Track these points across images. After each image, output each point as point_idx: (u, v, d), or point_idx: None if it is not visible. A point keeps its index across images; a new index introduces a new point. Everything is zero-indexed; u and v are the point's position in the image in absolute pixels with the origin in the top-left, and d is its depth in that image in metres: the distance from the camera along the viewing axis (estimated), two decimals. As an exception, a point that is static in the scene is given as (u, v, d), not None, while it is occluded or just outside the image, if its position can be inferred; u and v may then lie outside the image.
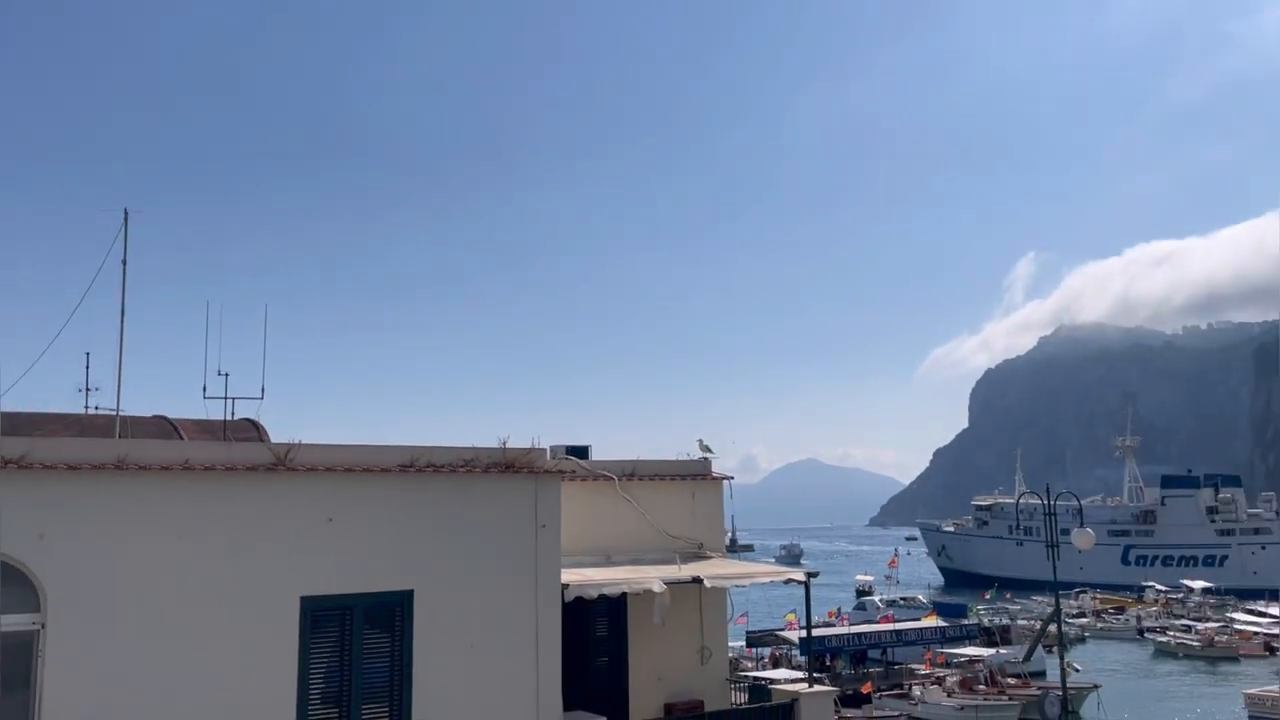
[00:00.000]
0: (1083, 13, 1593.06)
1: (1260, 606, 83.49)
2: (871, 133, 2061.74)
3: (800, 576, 17.88)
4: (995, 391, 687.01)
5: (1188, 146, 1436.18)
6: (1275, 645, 64.04)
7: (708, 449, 19.82)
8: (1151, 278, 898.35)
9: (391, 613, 12.79)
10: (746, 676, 36.03)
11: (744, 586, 17.86)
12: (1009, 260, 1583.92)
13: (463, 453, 13.55)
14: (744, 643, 52.97)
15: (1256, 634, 68.60)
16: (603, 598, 15.06)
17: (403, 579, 12.86)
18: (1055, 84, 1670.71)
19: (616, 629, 17.01)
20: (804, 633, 48.34)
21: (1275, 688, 30.85)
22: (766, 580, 18.70)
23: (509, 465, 13.77)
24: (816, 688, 17.62)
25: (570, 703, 14.80)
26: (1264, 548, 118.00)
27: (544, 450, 14.48)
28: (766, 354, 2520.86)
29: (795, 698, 16.69)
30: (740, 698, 18.34)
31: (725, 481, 19.65)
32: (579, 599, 14.46)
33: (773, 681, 23.72)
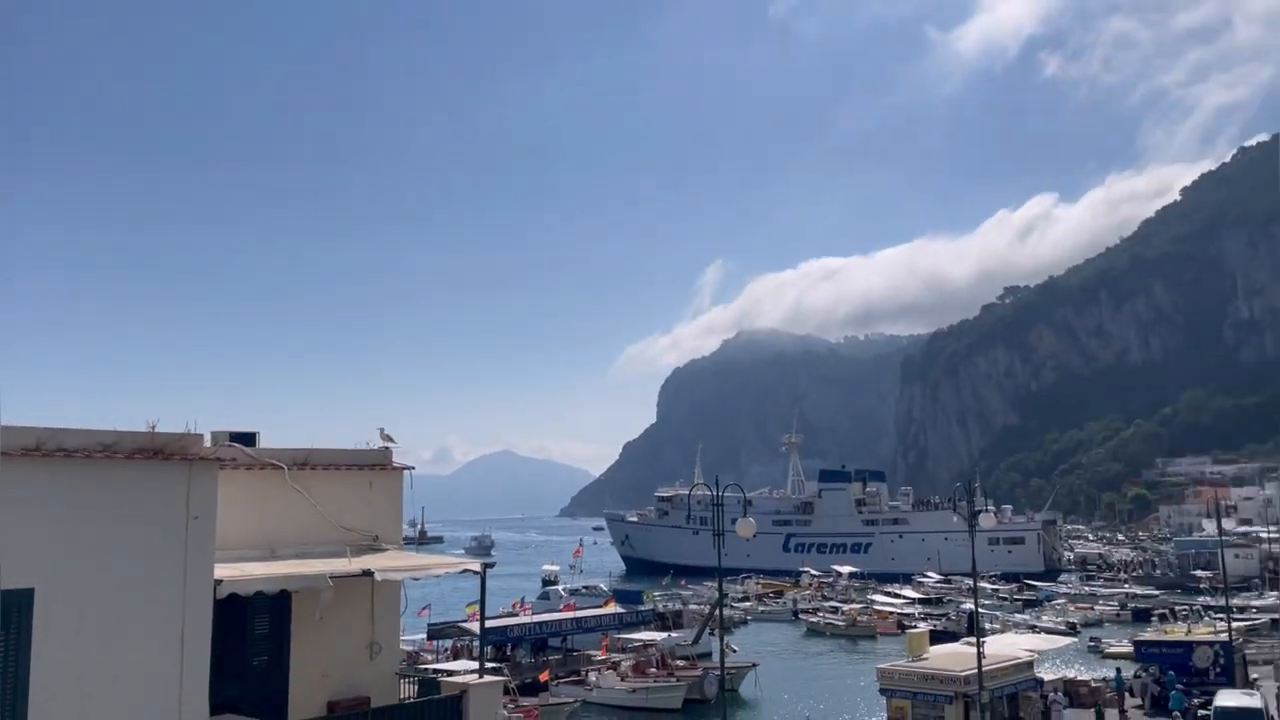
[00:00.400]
0: (771, 41, 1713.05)
1: (896, 589, 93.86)
2: (577, 131, 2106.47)
3: (476, 567, 17.81)
4: (683, 389, 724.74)
5: (855, 173, 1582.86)
6: (906, 623, 72.03)
7: (389, 438, 19.27)
8: (820, 291, 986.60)
9: (5, 614, 11.31)
10: (425, 670, 35.43)
11: (419, 579, 17.53)
12: (700, 266, 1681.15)
13: (101, 436, 12.24)
14: (425, 635, 52.28)
15: (891, 614, 76.90)
16: (262, 594, 14.21)
17: (21, 576, 11.40)
18: (747, 105, 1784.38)
19: (278, 626, 16.12)
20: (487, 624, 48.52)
21: (903, 661, 34.47)
22: (443, 572, 18.42)
23: (158, 451, 12.61)
24: (487, 678, 17.62)
25: (221, 705, 13.85)
26: (901, 536, 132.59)
27: (201, 436, 13.40)
28: (465, 346, 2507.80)
29: (464, 689, 16.62)
30: (411, 691, 17.99)
31: (406, 472, 19.18)
32: (234, 595, 13.55)
33: (450, 673, 23.52)
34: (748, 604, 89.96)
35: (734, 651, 53.31)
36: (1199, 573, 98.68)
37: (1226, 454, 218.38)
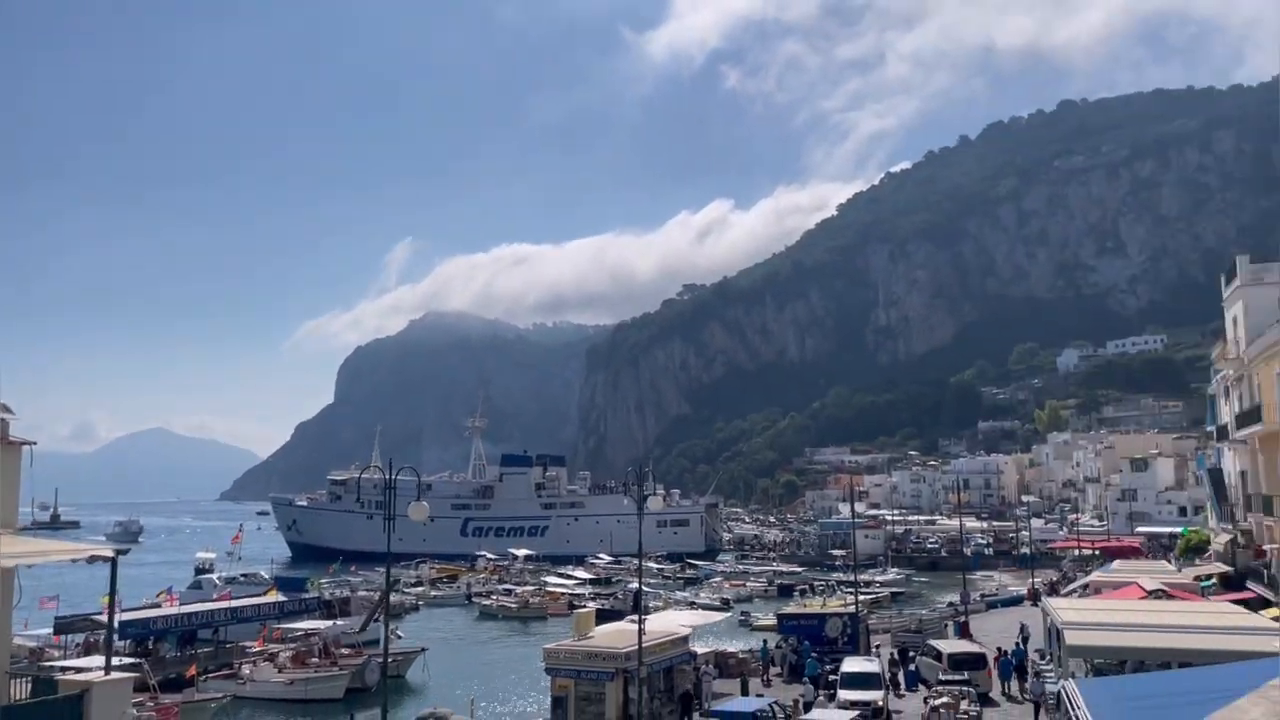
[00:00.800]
0: (470, 21, 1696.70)
1: (569, 570, 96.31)
2: (257, 93, 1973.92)
3: (106, 553, 16.07)
4: (364, 368, 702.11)
5: (549, 163, 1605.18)
6: (576, 604, 74.08)
7: (6, 409, 16.94)
8: (511, 276, 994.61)
9: None
10: (50, 668, 31.72)
11: (32, 566, 15.55)
12: (387, 243, 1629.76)
13: None
14: (51, 630, 46.98)
15: (563, 594, 78.79)
16: None
17: None
18: (444, 83, 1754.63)
19: None
20: (123, 615, 44.25)
21: (569, 640, 35.17)
22: (66, 559, 16.50)
23: None
24: (114, 675, 15.96)
25: None
26: (577, 519, 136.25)
27: None
28: (114, 315, 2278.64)
29: (86, 688, 14.94)
30: (24, 692, 15.93)
31: (27, 447, 16.94)
32: None
33: (76, 670, 21.19)
34: (421, 589, 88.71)
35: (400, 638, 52.41)
36: (835, 551, 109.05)
37: (863, 445, 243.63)
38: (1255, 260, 47.29)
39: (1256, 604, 37.20)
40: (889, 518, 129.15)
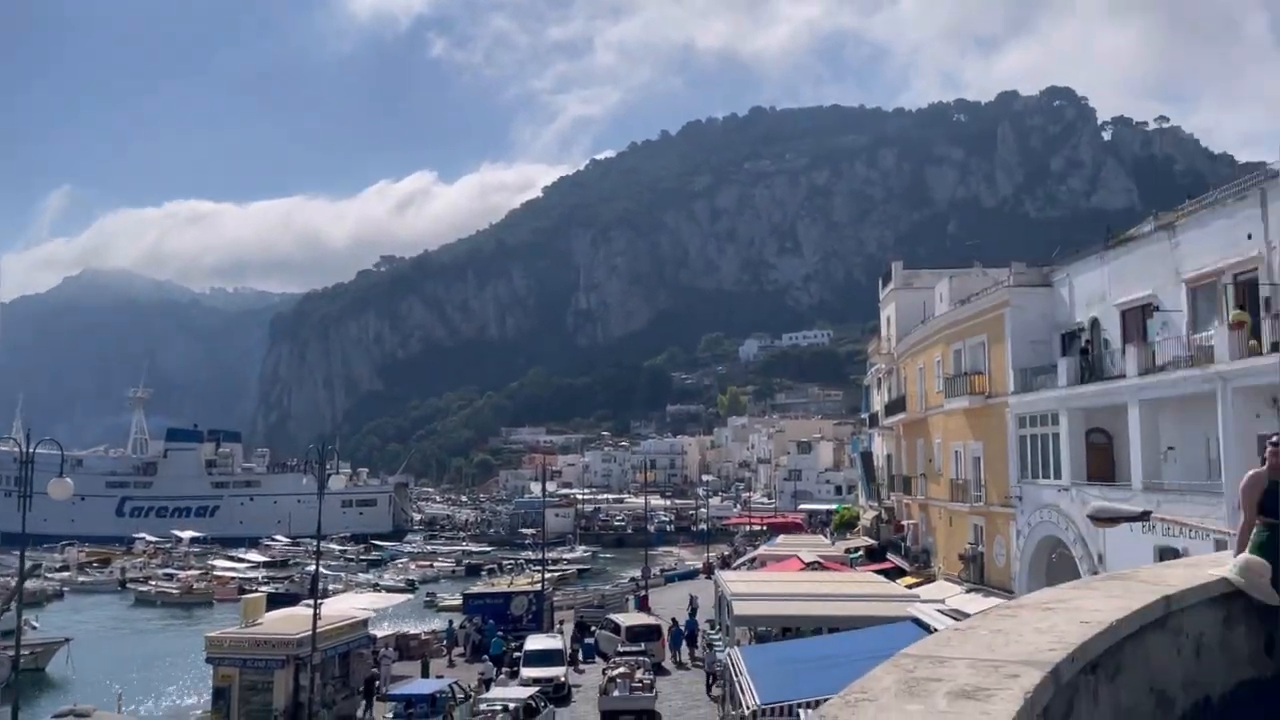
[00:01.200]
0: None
1: (241, 553, 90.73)
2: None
3: None
4: (5, 328, 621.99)
5: (235, 116, 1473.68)
6: (248, 588, 69.80)
7: None
8: (186, 235, 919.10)
9: None
10: None
11: None
12: (39, 189, 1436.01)
13: None
14: None
15: (233, 579, 73.98)
16: None
17: None
18: (116, 17, 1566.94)
19: None
20: None
21: (235, 628, 33.11)
22: None
23: None
24: None
25: None
26: (253, 499, 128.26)
27: None
28: None
29: None
30: None
31: None
32: None
33: None
34: (66, 574, 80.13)
35: (34, 628, 47.07)
36: (525, 530, 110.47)
37: (559, 425, 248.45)
38: (907, 268, 52.78)
39: (894, 573, 41.65)
40: (580, 497, 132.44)
